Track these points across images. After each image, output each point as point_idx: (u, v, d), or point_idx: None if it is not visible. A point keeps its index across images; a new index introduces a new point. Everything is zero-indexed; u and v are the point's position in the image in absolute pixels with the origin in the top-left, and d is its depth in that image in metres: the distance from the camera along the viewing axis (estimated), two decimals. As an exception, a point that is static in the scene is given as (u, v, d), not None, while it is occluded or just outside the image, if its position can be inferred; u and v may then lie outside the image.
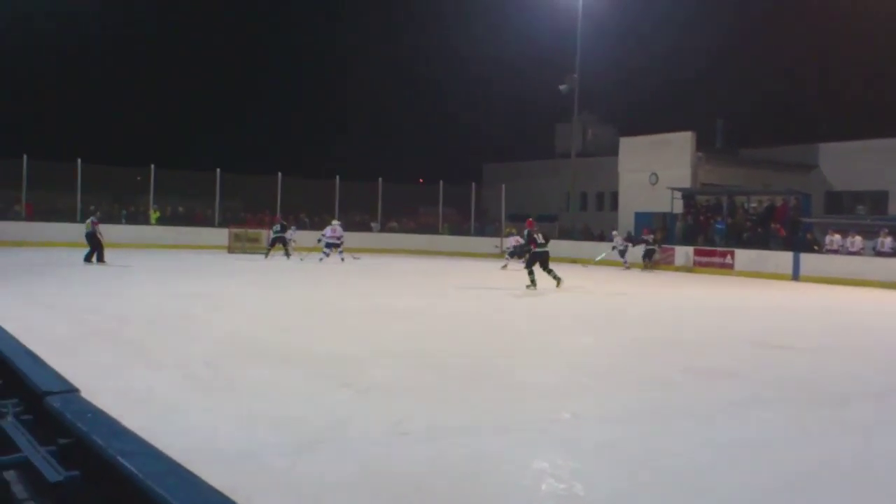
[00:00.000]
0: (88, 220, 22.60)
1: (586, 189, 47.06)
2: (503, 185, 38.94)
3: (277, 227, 28.15)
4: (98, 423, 1.64)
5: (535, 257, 19.30)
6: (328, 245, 26.86)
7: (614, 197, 43.37)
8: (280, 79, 63.00)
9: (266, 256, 27.55)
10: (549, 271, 19.25)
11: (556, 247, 34.88)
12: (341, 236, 27.12)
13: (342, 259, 26.37)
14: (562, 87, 41.08)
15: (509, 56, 53.85)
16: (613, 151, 42.82)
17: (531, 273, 19.05)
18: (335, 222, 28.03)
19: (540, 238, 19.27)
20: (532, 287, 18.81)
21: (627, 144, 41.10)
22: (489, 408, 7.14)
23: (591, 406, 7.44)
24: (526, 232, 20.79)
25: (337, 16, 66.41)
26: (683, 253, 31.39)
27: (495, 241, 36.37)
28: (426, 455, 5.69)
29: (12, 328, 8.90)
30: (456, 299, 17.23)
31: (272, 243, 28.09)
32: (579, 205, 46.06)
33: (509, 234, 30.03)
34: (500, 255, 31.63)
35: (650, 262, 30.52)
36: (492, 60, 56.96)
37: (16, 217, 30.09)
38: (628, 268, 29.80)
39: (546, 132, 53.55)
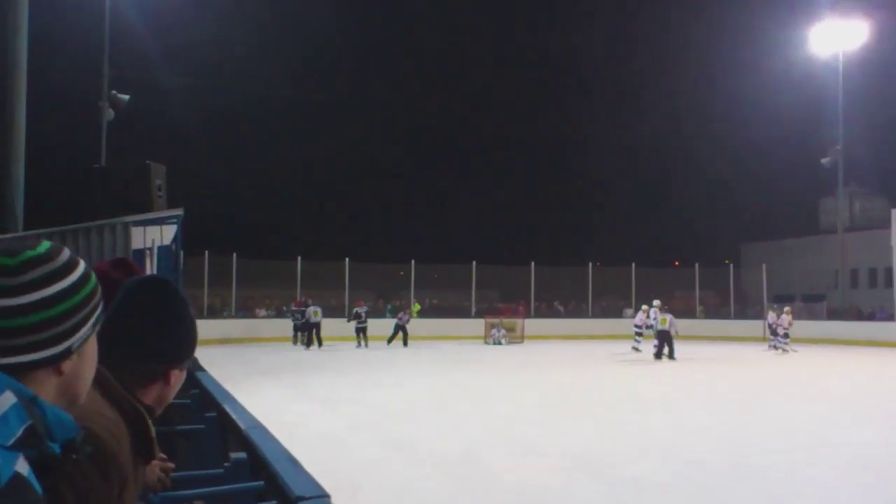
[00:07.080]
0: (313, 308, 26.58)
1: (857, 265, 43.77)
2: (763, 265, 37.10)
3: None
4: (340, 532, 1.76)
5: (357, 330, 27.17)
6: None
7: (888, 273, 39.95)
8: (530, 169, 64.44)
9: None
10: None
11: (824, 328, 32.75)
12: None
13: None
14: (824, 161, 38.77)
15: (766, 131, 51.53)
16: (885, 224, 39.70)
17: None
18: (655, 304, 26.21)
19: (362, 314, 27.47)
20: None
21: (901, 215, 37.91)
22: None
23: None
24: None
25: (581, 96, 67.19)
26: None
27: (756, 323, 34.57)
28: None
29: (287, 420, 9.59)
30: (714, 386, 16.42)
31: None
32: (849, 283, 42.80)
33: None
34: (764, 339, 29.91)
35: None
36: (747, 136, 54.91)
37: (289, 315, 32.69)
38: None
39: (809, 207, 50.74)
